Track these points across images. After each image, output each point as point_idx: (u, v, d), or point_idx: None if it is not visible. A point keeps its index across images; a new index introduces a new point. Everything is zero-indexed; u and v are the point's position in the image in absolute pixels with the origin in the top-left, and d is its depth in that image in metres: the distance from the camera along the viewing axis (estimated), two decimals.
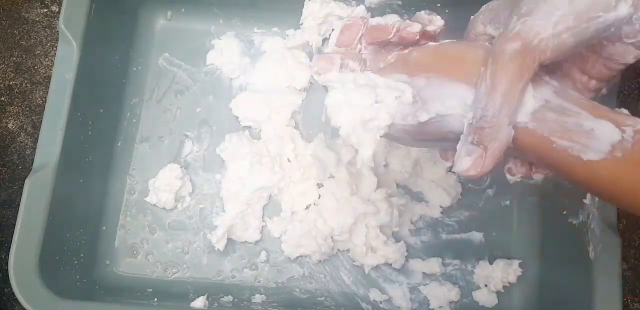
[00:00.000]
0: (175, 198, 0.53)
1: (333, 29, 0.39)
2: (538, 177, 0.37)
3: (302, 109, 0.55)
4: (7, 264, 0.44)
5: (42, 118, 0.47)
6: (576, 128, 0.31)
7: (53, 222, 0.46)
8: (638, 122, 0.31)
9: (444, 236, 0.54)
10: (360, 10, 0.54)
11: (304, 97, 0.55)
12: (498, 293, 0.52)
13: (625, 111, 0.33)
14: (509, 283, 0.52)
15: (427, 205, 0.54)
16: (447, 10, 0.53)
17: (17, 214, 0.45)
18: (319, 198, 0.53)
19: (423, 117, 0.34)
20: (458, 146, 0.34)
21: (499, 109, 0.31)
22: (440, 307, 0.52)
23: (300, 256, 0.53)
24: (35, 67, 0.58)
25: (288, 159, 0.54)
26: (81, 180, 0.50)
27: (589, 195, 0.47)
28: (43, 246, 0.45)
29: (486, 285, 0.52)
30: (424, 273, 0.53)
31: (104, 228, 0.53)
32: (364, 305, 0.52)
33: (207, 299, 0.49)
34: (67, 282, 0.48)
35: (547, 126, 0.32)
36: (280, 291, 0.52)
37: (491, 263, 0.53)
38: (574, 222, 0.48)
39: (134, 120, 0.55)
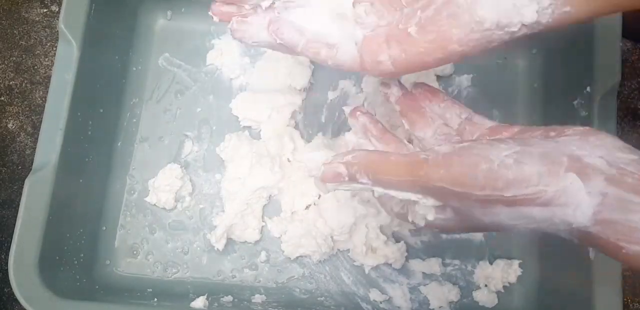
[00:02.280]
0: (175, 198, 0.53)
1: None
2: None
3: (302, 109, 0.55)
4: (7, 264, 0.44)
5: (42, 118, 0.47)
6: None
7: (53, 222, 0.46)
8: None
9: (444, 236, 0.54)
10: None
11: (304, 97, 0.55)
12: (498, 293, 0.52)
13: None
14: (509, 283, 0.52)
15: None
16: None
17: (17, 214, 0.45)
18: (319, 198, 0.52)
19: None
20: None
21: None
22: (440, 307, 0.52)
23: (300, 256, 0.53)
24: (35, 67, 0.58)
25: (288, 159, 0.54)
26: (81, 180, 0.50)
27: None
28: (43, 246, 0.45)
29: (486, 285, 0.52)
30: (424, 273, 0.53)
31: (104, 228, 0.53)
32: (364, 305, 0.52)
33: (207, 299, 0.49)
34: (67, 282, 0.48)
35: (612, 229, 0.28)
36: (280, 291, 0.52)
37: (491, 263, 0.53)
38: None
39: (134, 120, 0.55)
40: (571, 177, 0.28)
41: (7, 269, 0.44)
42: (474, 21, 0.31)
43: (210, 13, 0.38)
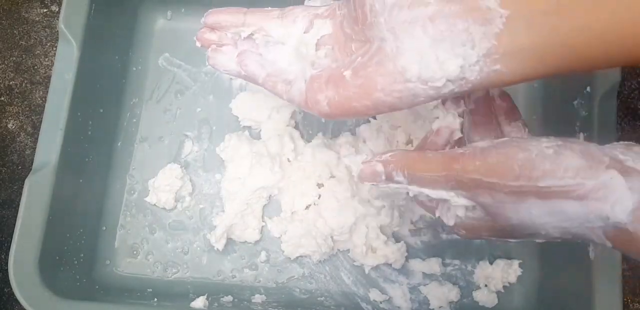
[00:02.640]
0: (175, 198, 0.53)
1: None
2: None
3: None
4: (7, 264, 0.44)
5: (42, 118, 0.47)
6: None
7: (53, 222, 0.46)
8: None
9: (444, 236, 0.54)
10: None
11: None
12: (498, 293, 0.52)
13: None
14: (509, 283, 0.52)
15: None
16: None
17: (17, 214, 0.45)
18: (319, 198, 0.52)
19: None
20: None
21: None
22: (440, 307, 0.52)
23: (300, 256, 0.53)
24: (35, 67, 0.58)
25: (288, 159, 0.54)
26: (81, 180, 0.50)
27: None
28: (43, 246, 0.45)
29: (486, 285, 0.52)
30: (424, 273, 0.53)
31: (104, 228, 0.53)
32: (364, 305, 0.52)
33: (207, 299, 0.49)
34: (67, 282, 0.48)
35: None
36: (280, 291, 0.52)
37: (491, 263, 0.53)
38: None
39: (134, 120, 0.55)
40: (612, 173, 0.27)
41: (7, 269, 0.44)
42: (397, 71, 0.30)
43: (195, 38, 0.41)
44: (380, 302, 0.52)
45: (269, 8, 0.39)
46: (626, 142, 0.30)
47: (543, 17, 0.27)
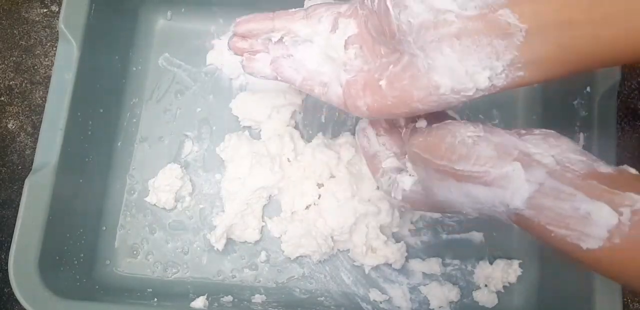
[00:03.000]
0: (175, 198, 0.53)
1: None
2: None
3: (302, 109, 0.55)
4: (7, 264, 0.44)
5: (42, 118, 0.47)
6: (573, 213, 0.30)
7: (53, 222, 0.46)
8: (637, 201, 0.29)
9: (444, 236, 0.54)
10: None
11: (304, 97, 0.55)
12: (498, 293, 0.52)
13: (632, 170, 0.31)
14: (509, 283, 0.52)
15: None
16: None
17: (17, 214, 0.45)
18: (319, 198, 0.52)
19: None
20: None
21: None
22: (440, 307, 0.52)
23: (300, 256, 0.53)
24: (35, 67, 0.58)
25: (288, 159, 0.54)
26: (81, 180, 0.50)
27: None
28: (43, 246, 0.45)
29: (486, 285, 0.52)
30: (424, 273, 0.53)
31: (104, 228, 0.53)
32: (364, 305, 0.52)
33: (207, 299, 0.49)
34: (67, 282, 0.48)
35: (544, 214, 0.31)
36: (280, 291, 0.52)
37: (491, 263, 0.53)
38: None
39: (134, 120, 0.55)
40: (515, 165, 0.32)
41: (7, 269, 0.44)
42: (432, 85, 0.33)
43: (227, 47, 0.44)
44: (380, 302, 0.52)
45: (293, 10, 0.41)
46: (547, 131, 0.34)
47: (558, 29, 0.30)
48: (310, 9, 0.41)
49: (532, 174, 0.32)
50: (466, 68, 0.32)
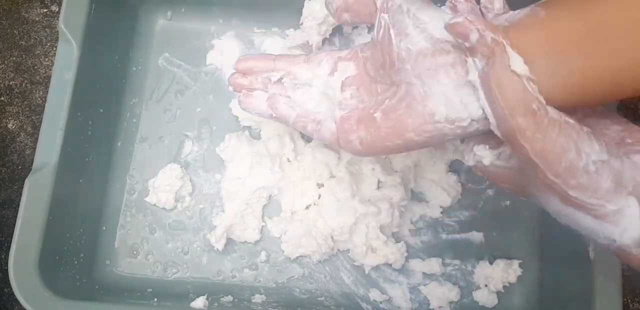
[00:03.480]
0: (175, 198, 0.53)
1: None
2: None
3: None
4: (7, 264, 0.44)
5: (42, 118, 0.47)
6: None
7: (53, 222, 0.46)
8: None
9: (444, 236, 0.54)
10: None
11: None
12: (498, 293, 0.52)
13: None
14: (509, 283, 0.52)
15: (427, 205, 0.54)
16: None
17: (17, 214, 0.45)
18: (319, 198, 0.52)
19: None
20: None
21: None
22: (440, 307, 0.52)
23: (300, 256, 0.53)
24: (35, 67, 0.58)
25: (288, 159, 0.54)
26: (81, 180, 0.50)
27: None
28: (43, 246, 0.45)
29: (486, 285, 0.52)
30: (424, 273, 0.53)
31: (104, 228, 0.53)
32: (364, 305, 0.52)
33: (207, 299, 0.49)
34: (67, 282, 0.48)
35: None
36: (280, 291, 0.52)
37: (491, 263, 0.53)
38: None
39: (134, 120, 0.55)
40: (630, 200, 0.30)
41: (7, 269, 0.44)
42: (426, 113, 0.33)
43: (227, 82, 0.44)
44: (380, 302, 0.52)
45: (295, 54, 0.42)
46: None
47: (546, 61, 0.30)
48: (312, 54, 0.42)
49: None
50: (461, 97, 0.32)
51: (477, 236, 0.54)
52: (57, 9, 0.59)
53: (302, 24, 0.54)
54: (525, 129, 0.29)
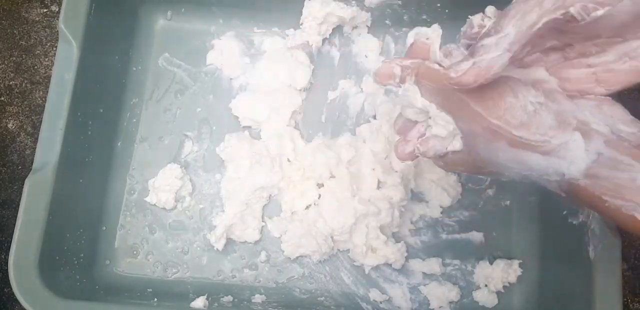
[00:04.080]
0: (175, 198, 0.53)
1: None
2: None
3: (302, 109, 0.55)
4: (7, 264, 0.44)
5: (42, 118, 0.47)
6: (629, 184, 0.30)
7: (53, 222, 0.46)
8: None
9: (444, 236, 0.54)
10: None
11: (304, 97, 0.55)
12: (498, 293, 0.52)
13: None
14: (509, 283, 0.52)
15: (427, 205, 0.54)
16: (447, 11, 0.53)
17: (17, 214, 0.45)
18: (319, 198, 0.52)
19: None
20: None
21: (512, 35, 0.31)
22: (440, 307, 0.52)
23: (300, 256, 0.53)
24: (35, 67, 0.58)
25: (288, 159, 0.54)
26: (81, 180, 0.50)
27: None
28: (43, 246, 0.45)
29: (486, 285, 0.52)
30: (424, 273, 0.53)
31: (104, 228, 0.53)
32: (364, 305, 0.52)
33: (207, 299, 0.49)
34: (67, 282, 0.48)
35: (599, 185, 0.31)
36: (280, 291, 0.52)
37: (491, 263, 0.53)
38: (574, 222, 0.48)
39: (134, 120, 0.55)
40: (575, 135, 0.31)
41: (7, 269, 0.44)
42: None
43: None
44: (380, 302, 0.52)
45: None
46: (601, 98, 0.34)
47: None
48: None
49: (591, 143, 0.31)
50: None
51: (477, 236, 0.54)
52: (57, 9, 0.59)
53: (302, 24, 0.54)
54: (458, 90, 0.33)
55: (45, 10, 0.59)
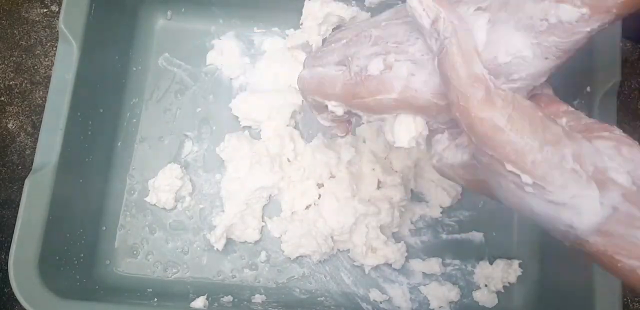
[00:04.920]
0: (175, 198, 0.53)
1: None
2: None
3: (302, 109, 0.55)
4: (7, 264, 0.44)
5: (42, 118, 0.47)
6: None
7: (53, 222, 0.46)
8: None
9: (444, 236, 0.54)
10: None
11: None
12: (498, 293, 0.52)
13: None
14: (509, 283, 0.52)
15: (427, 205, 0.54)
16: None
17: (17, 214, 0.45)
18: (319, 198, 0.52)
19: None
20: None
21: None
22: (440, 307, 0.52)
23: (300, 256, 0.53)
24: (35, 67, 0.58)
25: (288, 159, 0.54)
26: (81, 180, 0.50)
27: None
28: (43, 246, 0.45)
29: (486, 285, 0.52)
30: (424, 273, 0.53)
31: (104, 228, 0.53)
32: (364, 305, 0.52)
33: (207, 299, 0.49)
34: (67, 282, 0.48)
35: (613, 243, 0.28)
36: (280, 291, 0.52)
37: (491, 263, 0.53)
38: None
39: (134, 120, 0.55)
40: (590, 185, 0.28)
41: (7, 269, 0.44)
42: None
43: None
44: (380, 302, 0.52)
45: None
46: (619, 137, 0.30)
47: None
48: None
49: (607, 195, 0.28)
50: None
51: (477, 236, 0.54)
52: (57, 9, 0.59)
53: (302, 24, 0.54)
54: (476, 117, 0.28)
55: (45, 10, 0.59)
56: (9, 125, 0.57)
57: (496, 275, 0.52)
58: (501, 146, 0.28)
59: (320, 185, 0.53)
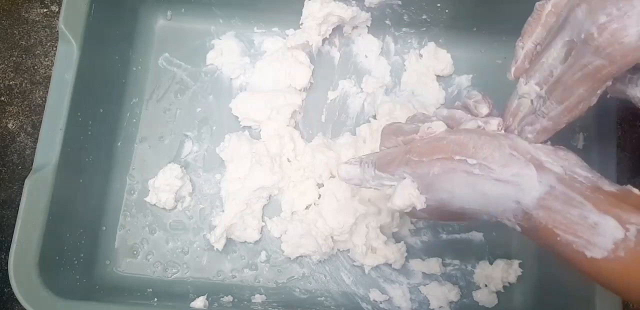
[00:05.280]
0: (175, 198, 0.53)
1: None
2: None
3: (302, 109, 0.55)
4: (7, 264, 0.44)
5: (42, 118, 0.47)
6: (581, 221, 0.31)
7: (53, 222, 0.45)
8: None
9: (444, 236, 0.54)
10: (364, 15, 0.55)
11: (304, 97, 0.55)
12: (498, 293, 0.52)
13: (635, 191, 0.33)
14: (509, 283, 0.52)
15: None
16: (447, 11, 0.53)
17: (17, 214, 0.45)
18: (319, 198, 0.52)
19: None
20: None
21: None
22: (440, 307, 0.52)
23: (300, 256, 0.53)
24: (35, 67, 0.58)
25: (288, 159, 0.54)
26: (81, 180, 0.50)
27: None
28: (43, 246, 0.45)
29: (486, 285, 0.52)
30: (424, 273, 0.53)
31: (104, 228, 0.53)
32: (364, 305, 0.52)
33: (207, 299, 0.49)
34: (67, 282, 0.48)
35: (552, 217, 0.32)
36: (280, 291, 0.52)
37: (491, 263, 0.53)
38: None
39: (134, 120, 0.55)
40: (529, 166, 0.33)
41: (7, 269, 0.44)
42: None
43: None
44: (380, 302, 0.52)
45: None
46: (557, 147, 0.36)
47: None
48: None
49: (544, 176, 0.33)
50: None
51: (477, 236, 0.54)
52: (57, 9, 0.59)
53: (302, 24, 0.54)
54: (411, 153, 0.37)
55: (45, 10, 0.59)
56: (9, 125, 0.57)
57: (496, 275, 0.52)
58: (448, 147, 0.34)
59: (320, 185, 0.53)
